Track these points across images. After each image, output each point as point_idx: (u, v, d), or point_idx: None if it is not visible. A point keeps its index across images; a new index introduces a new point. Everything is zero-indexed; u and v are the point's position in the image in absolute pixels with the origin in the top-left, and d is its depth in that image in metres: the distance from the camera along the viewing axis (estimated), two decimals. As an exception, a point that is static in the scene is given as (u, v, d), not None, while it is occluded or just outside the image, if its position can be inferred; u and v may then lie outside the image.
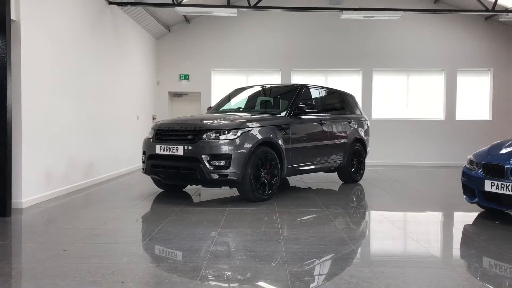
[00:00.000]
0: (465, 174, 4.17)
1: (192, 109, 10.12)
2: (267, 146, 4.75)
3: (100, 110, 6.51)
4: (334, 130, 6.02)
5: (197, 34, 10.03)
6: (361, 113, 7.02)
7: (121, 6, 7.25)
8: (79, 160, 5.76)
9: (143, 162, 4.93)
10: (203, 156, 4.31)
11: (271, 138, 4.76)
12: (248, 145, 4.45)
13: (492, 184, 3.77)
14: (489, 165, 3.86)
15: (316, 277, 2.41)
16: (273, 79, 10.03)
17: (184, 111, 9.99)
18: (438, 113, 10.21)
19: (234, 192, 5.41)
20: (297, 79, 10.08)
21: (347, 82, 10.13)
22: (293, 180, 6.76)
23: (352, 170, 6.41)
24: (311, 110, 5.36)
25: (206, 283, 2.29)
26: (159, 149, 4.62)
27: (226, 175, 4.34)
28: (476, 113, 10.18)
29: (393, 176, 7.57)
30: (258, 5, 8.69)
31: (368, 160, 7.40)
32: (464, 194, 4.28)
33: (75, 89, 5.64)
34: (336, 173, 6.67)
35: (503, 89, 10.14)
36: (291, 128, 5.11)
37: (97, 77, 6.43)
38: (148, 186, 5.83)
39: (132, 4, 7.19)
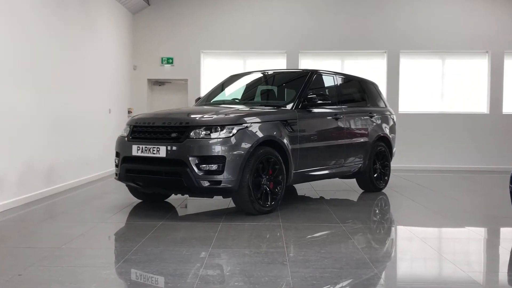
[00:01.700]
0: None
1: (177, 100, 10.14)
2: (270, 146, 4.76)
3: (64, 103, 6.51)
4: (353, 126, 6.03)
5: (183, 7, 10.03)
6: (386, 106, 7.05)
7: (90, -27, 7.26)
8: (39, 164, 5.76)
9: (117, 166, 4.93)
10: (190, 158, 4.31)
11: (275, 137, 4.77)
12: (246, 145, 4.46)
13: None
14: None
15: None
16: (277, 63, 10.04)
17: (167, 103, 9.96)
18: (480, 105, 10.21)
19: (228, 203, 5.41)
20: (306, 63, 10.11)
21: (369, 68, 10.13)
22: (302, 188, 6.78)
23: (375, 175, 6.42)
24: (324, 101, 5.37)
25: (194, 315, 2.29)
26: (136, 150, 4.63)
27: (219, 182, 4.35)
28: (527, 106, 10.22)
29: (424, 183, 7.58)
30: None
31: (393, 164, 7.40)
32: (512, 205, 4.28)
33: (33, 78, 5.64)
34: (354, 180, 6.67)
35: (561, 75, 10.14)
36: (299, 124, 5.12)
37: (61, 63, 6.42)
38: (123, 196, 5.83)
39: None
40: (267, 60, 10.07)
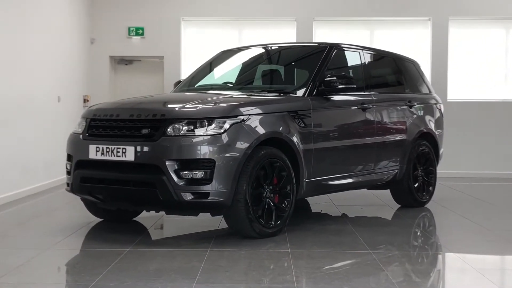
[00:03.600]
0: None
1: (150, 85, 10.10)
2: (274, 147, 4.74)
3: (-3, 88, 6.51)
4: (386, 119, 6.03)
5: (158, -40, 10.04)
6: (430, 92, 7.05)
7: None
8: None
9: (68, 173, 4.92)
10: (167, 163, 4.30)
11: (281, 133, 4.75)
12: (242, 145, 4.44)
13: None
14: None
15: None
16: (284, 35, 9.99)
17: (136, 89, 9.82)
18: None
19: (219, 222, 5.37)
20: (323, 35, 10.07)
21: (407, 41, 10.10)
22: (317, 203, 6.74)
23: (416, 185, 6.38)
24: (347, 86, 5.32)
25: None
26: (94, 152, 4.61)
27: (206, 194, 4.34)
28: None
29: (482, 196, 7.55)
30: None
31: (440, 169, 7.39)
32: None
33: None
34: (388, 191, 6.66)
35: None
36: (314, 116, 5.10)
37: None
38: (78, 213, 5.78)
39: None
40: (271, 31, 10.05)
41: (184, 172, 4.30)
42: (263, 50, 6.28)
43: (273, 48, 6.28)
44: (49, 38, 8.11)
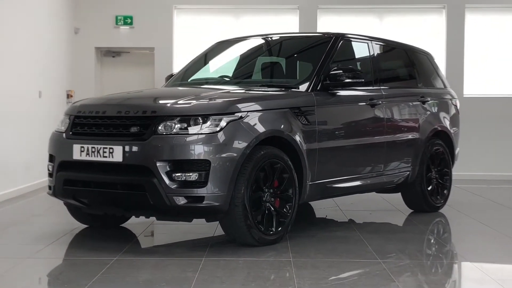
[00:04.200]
0: None
1: (139, 78, 10.08)
2: (275, 146, 4.74)
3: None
4: (397, 116, 6.04)
5: None
6: (445, 86, 7.06)
7: None
8: None
9: (50, 175, 4.91)
10: (158, 164, 4.30)
11: (282, 132, 4.76)
12: (240, 144, 4.44)
13: None
14: None
15: None
16: (286, 24, 10.02)
17: (124, 83, 9.80)
18: None
19: (215, 229, 5.37)
20: (328, 24, 10.08)
21: (420, 30, 10.11)
22: (322, 207, 6.75)
23: (429, 188, 6.39)
24: (355, 80, 5.31)
25: None
26: (78, 152, 4.60)
27: (201, 198, 4.33)
28: None
29: (501, 200, 7.56)
30: None
31: (456, 171, 7.39)
32: None
33: None
34: (399, 195, 6.66)
35: None
36: (318, 113, 5.11)
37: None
38: (60, 219, 5.77)
39: None
40: (271, 20, 10.06)
41: (177, 174, 4.29)
42: (263, 41, 6.28)
43: (273, 38, 6.27)
44: (28, 28, 8.08)
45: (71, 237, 5.08)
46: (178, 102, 4.58)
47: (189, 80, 5.98)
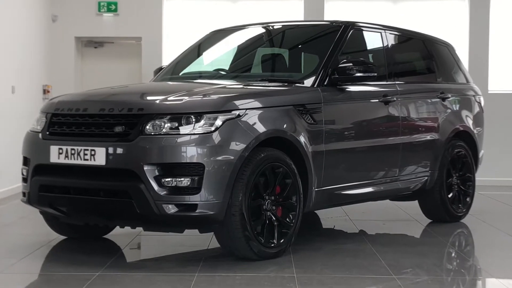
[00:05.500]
0: None
1: (125, 72, 10.10)
2: (277, 148, 4.75)
3: None
4: (413, 114, 6.06)
5: None
6: (467, 81, 7.05)
7: None
8: None
9: (25, 180, 4.92)
10: (146, 168, 4.29)
11: (285, 132, 4.77)
12: (237, 146, 4.45)
13: None
14: None
15: None
16: (289, 11, 10.00)
17: (108, 77, 9.77)
18: None
19: (210, 241, 5.34)
20: (335, 10, 10.09)
21: (439, 17, 10.10)
22: (329, 217, 6.72)
23: (450, 196, 6.39)
24: (366, 74, 5.31)
25: None
26: (56, 155, 4.61)
27: (194, 206, 4.33)
28: None
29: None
30: None
31: (479, 176, 7.37)
32: None
33: None
34: (416, 202, 6.66)
35: None
36: (326, 111, 5.12)
37: None
38: (36, 229, 5.82)
39: None
40: (273, 5, 10.04)
41: (167, 179, 4.30)
42: (263, 30, 6.35)
43: (275, 27, 6.33)
44: (1, 18, 8.04)
45: (47, 249, 5.11)
46: (168, 99, 4.59)
47: (180, 74, 6.04)
